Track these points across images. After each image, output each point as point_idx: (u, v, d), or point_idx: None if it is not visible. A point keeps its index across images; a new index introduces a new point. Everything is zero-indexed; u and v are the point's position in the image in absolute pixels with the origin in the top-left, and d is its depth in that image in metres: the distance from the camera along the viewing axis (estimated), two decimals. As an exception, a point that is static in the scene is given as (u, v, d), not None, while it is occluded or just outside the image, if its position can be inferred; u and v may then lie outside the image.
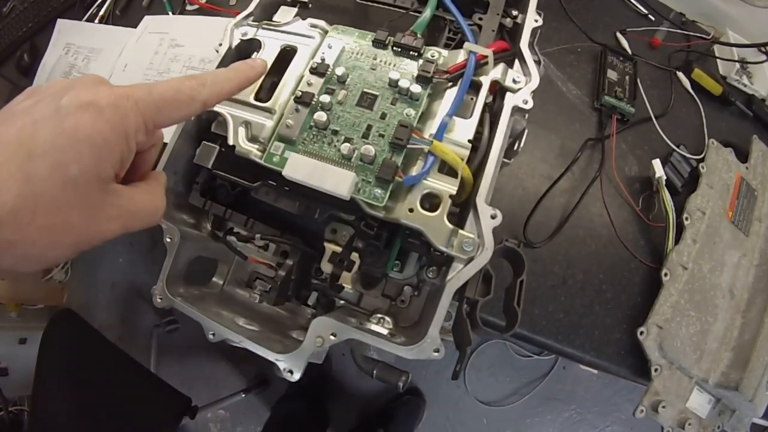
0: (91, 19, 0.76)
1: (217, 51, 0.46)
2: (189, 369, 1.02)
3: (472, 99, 0.40)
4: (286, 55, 0.43)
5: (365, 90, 0.39)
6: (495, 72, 0.41)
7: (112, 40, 0.72)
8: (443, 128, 0.37)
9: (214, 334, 0.37)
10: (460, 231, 0.36)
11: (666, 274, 0.53)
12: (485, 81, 0.40)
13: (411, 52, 0.40)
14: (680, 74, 0.61)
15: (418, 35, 0.41)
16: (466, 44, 0.39)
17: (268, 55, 0.43)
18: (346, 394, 0.97)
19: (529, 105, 0.40)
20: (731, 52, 0.63)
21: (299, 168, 0.35)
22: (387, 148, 0.37)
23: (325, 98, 0.38)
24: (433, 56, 0.40)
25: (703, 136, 0.59)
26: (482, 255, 0.35)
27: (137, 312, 1.07)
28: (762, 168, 0.60)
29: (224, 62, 0.45)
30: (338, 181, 0.35)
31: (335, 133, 0.37)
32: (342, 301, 0.45)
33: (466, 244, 0.35)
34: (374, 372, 0.44)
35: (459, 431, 0.99)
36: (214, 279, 0.49)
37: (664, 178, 0.54)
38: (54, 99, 0.21)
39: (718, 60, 0.63)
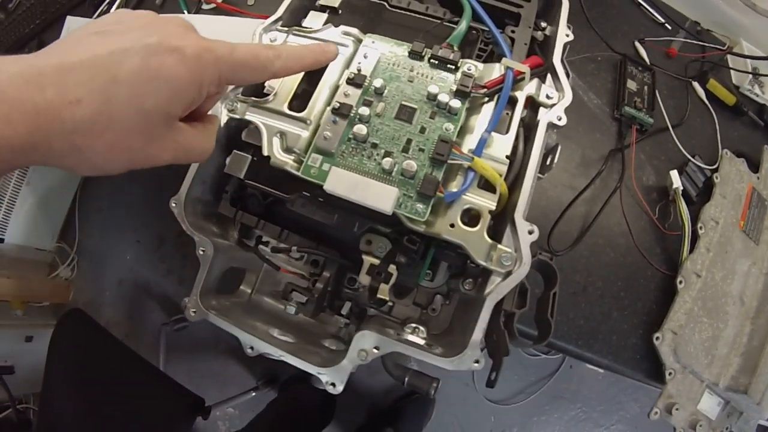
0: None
1: (246, 57, 0.45)
2: (197, 367, 1.01)
3: (507, 114, 0.40)
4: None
5: (403, 103, 0.38)
6: (529, 87, 0.40)
7: (124, 37, 0.70)
8: (483, 144, 0.37)
9: (252, 348, 0.37)
10: (498, 245, 0.36)
11: (681, 282, 0.54)
12: (521, 96, 0.40)
13: (448, 65, 0.40)
14: (696, 84, 0.62)
15: (455, 48, 0.40)
16: (504, 60, 0.39)
17: (300, 63, 0.42)
18: (354, 391, 0.98)
19: (563, 122, 0.40)
20: (745, 63, 0.63)
21: (341, 182, 0.35)
22: (427, 162, 0.36)
23: (364, 110, 0.37)
24: (469, 70, 0.40)
25: (716, 146, 0.60)
26: (520, 269, 0.36)
27: (144, 309, 1.05)
28: (772, 179, 0.62)
29: (254, 69, 0.44)
30: (381, 197, 0.34)
31: (374, 146, 0.37)
32: (373, 310, 0.45)
33: (504, 258, 0.36)
34: (406, 379, 0.44)
35: (467, 429, 1.00)
36: (241, 287, 0.48)
37: (681, 188, 0.55)
38: (146, 33, 0.23)
39: (731, 70, 0.64)
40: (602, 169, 0.54)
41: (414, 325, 0.41)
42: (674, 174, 0.55)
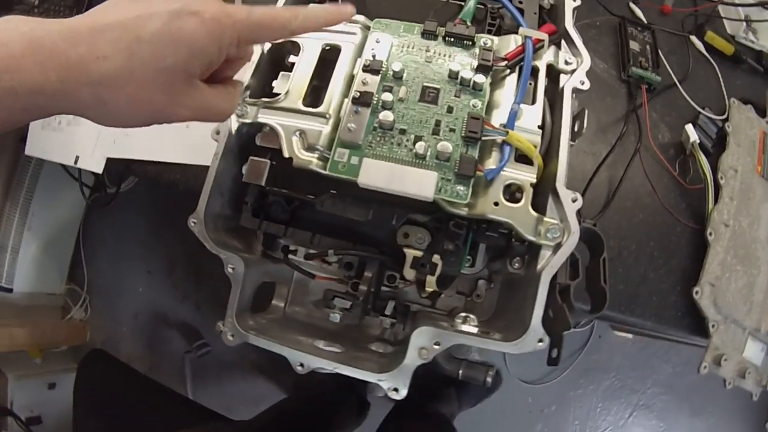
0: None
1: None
2: (227, 390, 0.97)
3: (530, 84, 0.37)
4: (329, 55, 0.39)
5: (425, 84, 0.36)
6: (548, 55, 0.38)
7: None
8: (514, 117, 0.34)
9: (303, 365, 0.34)
10: (544, 218, 0.34)
11: (711, 234, 0.53)
12: (541, 65, 0.38)
13: (464, 42, 0.37)
14: (694, 38, 0.60)
15: (468, 23, 0.38)
16: (522, 29, 0.37)
17: (308, 57, 0.39)
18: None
19: (586, 86, 0.38)
20: (737, 11, 0.62)
21: (375, 174, 0.32)
22: (461, 142, 0.34)
23: (387, 96, 0.35)
24: (486, 44, 0.37)
25: (722, 96, 0.58)
26: (570, 240, 0.33)
27: (164, 340, 1.01)
28: (781, 120, 0.60)
29: (259, 69, 0.41)
30: (421, 183, 0.32)
31: (403, 132, 0.34)
32: (417, 305, 0.42)
33: (552, 230, 0.33)
34: (460, 372, 0.41)
35: (505, 412, 0.98)
36: (273, 302, 0.45)
37: (698, 141, 0.53)
38: (172, 0, 0.24)
39: (725, 20, 0.62)
40: (623, 131, 0.52)
41: (463, 314, 0.39)
42: (689, 128, 0.54)
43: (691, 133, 0.53)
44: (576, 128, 0.39)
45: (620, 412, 1.01)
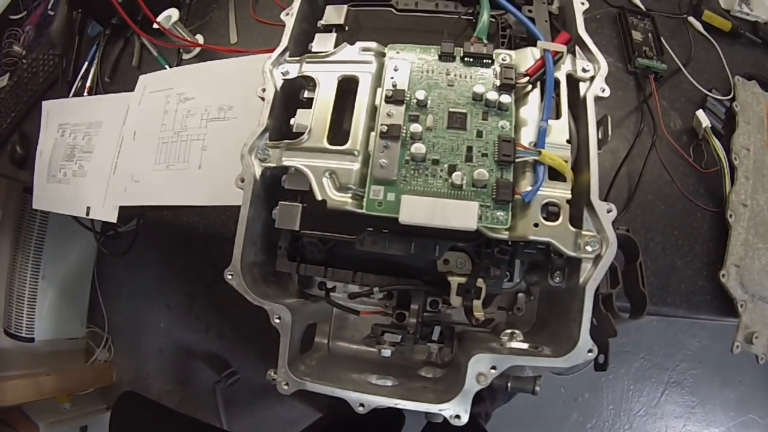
0: (78, 93, 0.68)
1: (262, 98, 0.40)
2: (261, 416, 0.97)
3: (553, 98, 0.37)
4: (347, 87, 0.38)
5: (451, 110, 0.35)
6: (566, 66, 0.38)
7: (110, 109, 0.64)
8: (543, 134, 0.34)
9: (363, 405, 0.33)
10: (582, 232, 0.33)
11: (731, 216, 0.53)
12: (561, 77, 0.37)
13: (484, 60, 0.36)
14: (692, 19, 0.60)
15: (484, 41, 0.37)
16: (540, 43, 0.36)
17: (326, 91, 0.38)
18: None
19: (607, 93, 0.38)
20: (729, -15, 0.62)
21: (416, 210, 0.32)
22: (494, 167, 0.33)
23: (416, 128, 0.34)
24: (505, 60, 0.37)
25: (726, 75, 0.58)
26: (609, 251, 0.33)
27: (193, 372, 1.00)
28: (785, 93, 0.60)
29: (273, 108, 0.40)
30: (463, 215, 0.31)
31: (436, 162, 0.34)
32: (460, 327, 0.42)
33: (591, 243, 0.33)
34: (508, 384, 0.41)
35: (539, 405, 0.99)
36: (316, 339, 0.45)
37: (710, 126, 0.53)
38: None
39: (718, -4, 0.62)
40: (641, 128, 0.52)
41: (509, 331, 0.38)
42: (701, 114, 0.53)
43: (703, 118, 0.53)
44: (600, 135, 0.39)
45: (652, 392, 1.02)
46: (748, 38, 0.62)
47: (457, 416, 0.32)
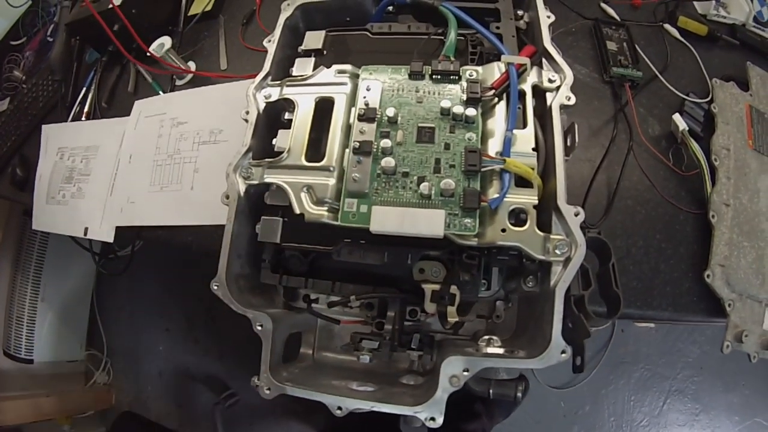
0: (77, 118, 0.72)
1: (246, 120, 0.44)
2: (261, 436, 0.98)
3: (519, 109, 0.39)
4: (323, 107, 0.42)
5: (420, 125, 0.38)
6: (532, 77, 0.41)
7: (107, 133, 0.69)
8: (509, 144, 0.37)
9: (341, 408, 0.35)
10: (551, 236, 0.36)
11: (713, 216, 0.54)
12: (527, 88, 0.40)
13: (451, 77, 0.39)
14: (667, 26, 0.63)
15: (452, 58, 0.40)
16: (504, 57, 0.39)
17: (303, 112, 0.42)
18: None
19: (572, 101, 0.40)
20: (703, -9, 0.65)
21: (387, 220, 0.34)
22: (461, 177, 0.36)
23: (386, 143, 0.37)
24: (471, 76, 0.40)
25: (704, 78, 0.61)
26: (578, 253, 0.35)
27: (192, 394, 1.02)
28: (765, 90, 0.62)
29: (257, 129, 0.43)
30: (430, 223, 0.34)
31: (406, 174, 0.37)
32: (440, 335, 0.44)
33: (560, 246, 0.35)
34: (490, 391, 0.43)
35: (540, 420, 0.99)
36: (302, 350, 0.47)
37: (687, 129, 0.55)
38: None
39: (694, 2, 0.65)
40: (614, 134, 0.54)
41: (487, 337, 0.40)
42: (677, 117, 0.56)
43: (680, 122, 0.56)
44: (568, 143, 0.42)
45: (654, 401, 1.02)
46: (725, 41, 0.64)
47: (432, 418, 0.34)
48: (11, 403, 0.84)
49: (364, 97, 0.40)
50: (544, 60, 0.43)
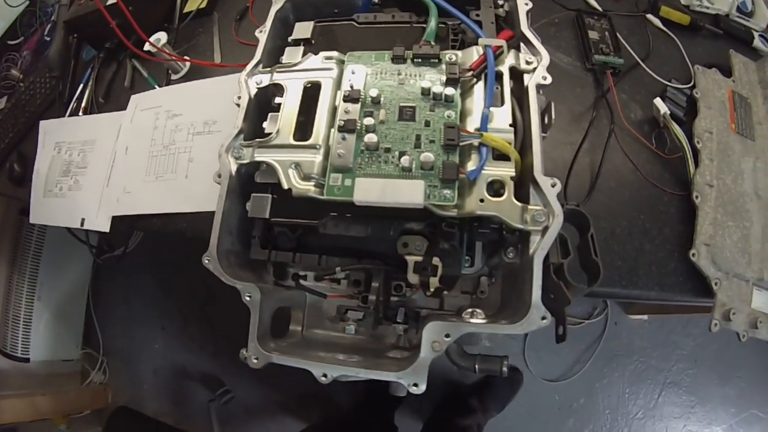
0: (74, 114, 0.76)
1: (238, 104, 0.47)
2: (255, 433, 1.00)
3: (497, 89, 0.42)
4: (311, 92, 0.45)
5: (402, 104, 0.41)
6: (509, 59, 0.43)
7: (104, 127, 0.72)
8: (486, 120, 0.39)
9: (326, 375, 0.38)
10: (529, 206, 0.38)
11: (697, 197, 0.57)
12: (504, 69, 0.43)
13: (431, 60, 0.42)
14: (650, 16, 0.66)
15: (432, 43, 0.43)
16: (481, 40, 0.42)
17: (292, 96, 0.45)
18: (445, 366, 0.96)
19: (549, 80, 0.43)
20: (687, -18, 0.68)
21: (369, 190, 0.37)
22: (441, 151, 0.39)
23: (369, 121, 0.40)
24: (451, 59, 0.43)
25: (687, 67, 0.64)
26: (555, 221, 0.37)
27: (187, 392, 1.04)
28: (747, 76, 0.65)
29: (249, 113, 0.46)
30: (410, 192, 0.37)
31: (388, 150, 0.39)
32: (425, 311, 0.46)
33: (538, 215, 0.37)
34: (476, 366, 0.45)
35: (534, 414, 1.00)
36: (291, 327, 0.49)
37: (669, 112, 0.58)
38: None
39: (676, -8, 0.68)
40: (593, 117, 0.57)
41: (470, 309, 0.43)
42: (658, 101, 0.58)
43: (660, 105, 0.58)
44: (546, 121, 0.44)
45: (649, 393, 1.03)
46: (708, 30, 0.67)
47: (415, 384, 0.36)
48: (7, 402, 0.86)
49: (349, 80, 0.43)
50: (522, 45, 0.46)
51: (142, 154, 0.67)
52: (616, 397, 1.03)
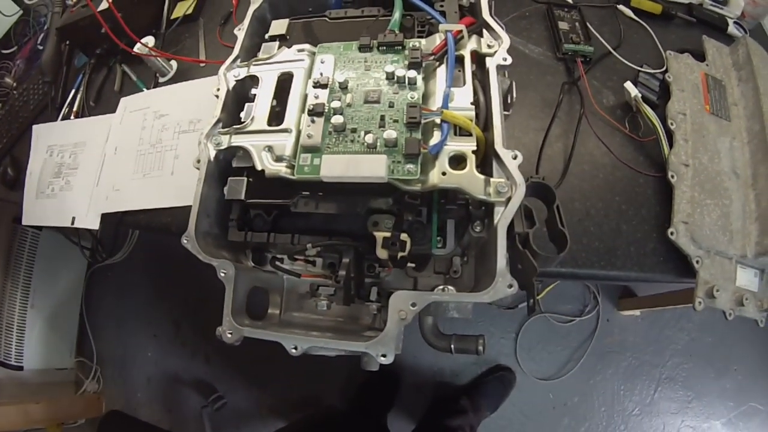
0: (66, 118, 0.80)
1: (216, 96, 0.51)
2: (248, 439, 1.01)
3: (459, 71, 0.45)
4: (284, 82, 0.48)
5: (367, 88, 0.44)
6: (471, 44, 0.47)
7: (94, 129, 0.76)
8: (446, 98, 0.42)
9: (296, 348, 0.40)
10: (491, 179, 0.40)
11: (673, 177, 0.58)
12: (466, 53, 0.46)
13: (396, 47, 0.46)
14: (621, 7, 0.69)
15: (396, 32, 0.47)
16: (442, 25, 0.45)
17: (267, 86, 0.48)
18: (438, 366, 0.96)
19: (509, 61, 0.46)
20: (657, -28, 0.71)
21: (334, 166, 0.40)
22: (404, 129, 0.42)
23: (336, 104, 0.43)
24: (414, 45, 0.46)
25: (659, 53, 0.67)
26: (518, 191, 0.39)
27: (180, 399, 1.06)
28: (721, 60, 0.68)
29: (226, 105, 0.50)
30: (373, 166, 0.39)
31: (354, 131, 0.42)
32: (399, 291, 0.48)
33: (500, 186, 0.39)
34: (452, 346, 0.46)
35: (529, 413, 1.00)
36: (269, 311, 0.51)
37: (640, 95, 0.61)
38: None
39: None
40: (560, 100, 0.60)
41: (441, 286, 0.45)
42: (628, 84, 0.61)
43: (631, 88, 0.61)
44: (509, 100, 0.47)
45: (644, 390, 1.03)
46: (681, 18, 0.71)
47: (383, 355, 0.38)
48: (0, 410, 0.89)
49: (319, 69, 0.46)
50: (485, 31, 0.49)
51: (131, 154, 0.71)
52: (611, 394, 1.03)
